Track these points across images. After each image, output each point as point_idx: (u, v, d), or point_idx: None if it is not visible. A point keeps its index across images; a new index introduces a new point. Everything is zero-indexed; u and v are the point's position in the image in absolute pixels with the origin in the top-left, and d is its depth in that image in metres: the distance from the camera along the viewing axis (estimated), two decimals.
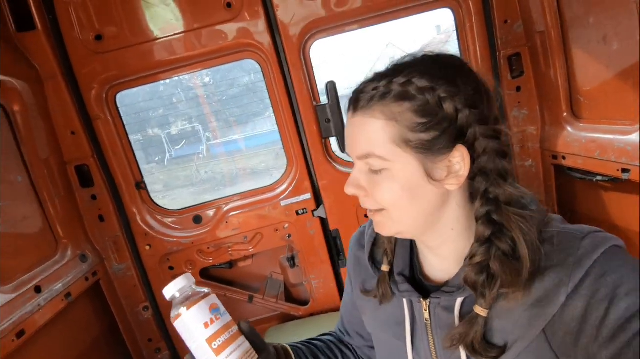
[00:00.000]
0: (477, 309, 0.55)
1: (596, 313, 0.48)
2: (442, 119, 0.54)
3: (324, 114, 1.69)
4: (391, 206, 0.57)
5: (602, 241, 0.51)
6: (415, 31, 8.02)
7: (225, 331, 0.55)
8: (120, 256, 1.70)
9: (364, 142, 0.56)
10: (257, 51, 1.63)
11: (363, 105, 0.56)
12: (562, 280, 0.51)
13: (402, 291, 0.65)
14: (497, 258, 0.53)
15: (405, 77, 0.54)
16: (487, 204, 0.55)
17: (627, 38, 1.19)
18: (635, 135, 1.21)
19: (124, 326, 1.72)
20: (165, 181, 11.44)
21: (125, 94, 1.71)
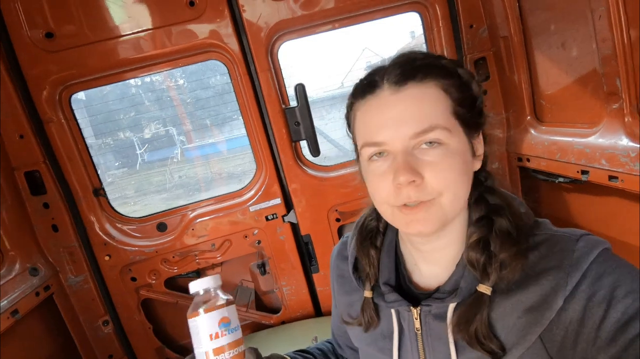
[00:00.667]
0: (482, 287, 0.54)
1: (595, 315, 0.47)
2: (473, 98, 0.56)
3: (294, 117, 1.66)
4: (452, 185, 0.52)
5: (596, 243, 0.51)
6: (389, 37, 8.14)
7: (230, 348, 0.53)
8: (77, 268, 1.60)
9: (427, 113, 0.52)
10: (223, 52, 1.57)
11: (416, 74, 0.53)
12: (559, 283, 0.50)
13: (390, 302, 0.61)
14: (497, 236, 0.54)
15: (436, 57, 0.56)
16: (480, 187, 0.59)
17: (585, 45, 1.22)
18: (594, 137, 1.25)
19: (81, 343, 1.61)
20: (137, 186, 11.03)
21: (94, 96, 1.61)
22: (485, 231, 0.55)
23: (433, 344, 0.59)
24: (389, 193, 0.54)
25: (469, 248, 0.56)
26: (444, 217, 0.54)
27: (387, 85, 0.54)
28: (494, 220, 0.56)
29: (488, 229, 0.55)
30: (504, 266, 0.53)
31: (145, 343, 1.77)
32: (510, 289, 0.53)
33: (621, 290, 0.47)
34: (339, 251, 0.77)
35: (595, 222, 1.44)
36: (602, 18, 1.10)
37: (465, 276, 0.56)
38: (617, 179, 1.17)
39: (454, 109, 0.54)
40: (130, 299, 1.72)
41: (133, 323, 1.73)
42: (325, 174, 1.76)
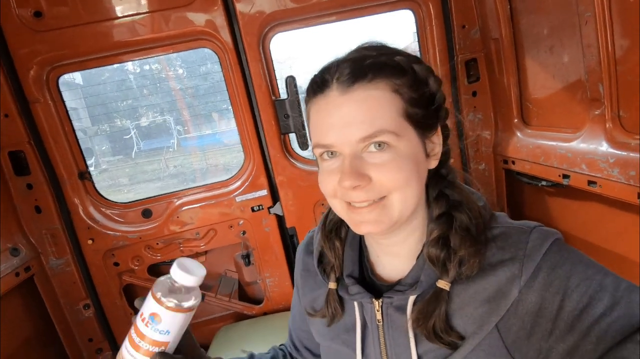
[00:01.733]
0: (441, 283, 0.54)
1: (551, 305, 0.48)
2: (430, 95, 0.55)
3: (283, 109, 1.66)
4: (401, 186, 0.52)
5: (547, 234, 0.52)
6: (387, 33, 8.15)
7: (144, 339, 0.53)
8: (59, 251, 1.59)
9: (373, 117, 0.50)
10: (215, 40, 1.57)
11: (365, 75, 0.50)
12: (514, 274, 0.51)
13: (353, 294, 0.61)
14: (457, 232, 0.54)
15: (388, 54, 0.53)
16: (440, 183, 0.58)
17: (572, 50, 1.23)
18: (576, 142, 1.26)
19: (61, 326, 1.61)
20: (132, 174, 10.99)
21: (93, 82, 1.61)
22: (445, 228, 0.56)
23: (394, 335, 0.59)
24: (336, 190, 0.55)
25: (429, 244, 0.56)
26: (394, 218, 0.54)
27: (336, 85, 0.52)
28: (454, 216, 0.56)
29: (448, 225, 0.56)
30: (463, 262, 0.53)
31: (126, 328, 1.72)
32: (469, 281, 0.54)
33: (575, 279, 0.48)
34: (306, 245, 0.77)
35: (575, 226, 1.46)
36: (589, 24, 1.11)
37: (425, 269, 0.57)
38: (596, 185, 1.18)
39: (405, 111, 0.52)
40: (112, 284, 1.72)
41: (114, 308, 1.74)
42: (313, 167, 1.77)
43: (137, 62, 10.62)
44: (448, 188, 0.58)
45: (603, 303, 0.45)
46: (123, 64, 10.53)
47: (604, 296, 0.45)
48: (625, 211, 1.21)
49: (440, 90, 0.56)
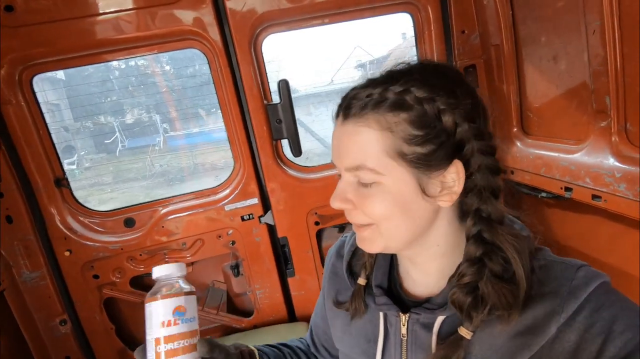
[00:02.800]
0: (462, 331, 0.52)
1: (590, 347, 0.46)
2: (440, 131, 0.51)
3: (276, 114, 1.58)
4: (382, 220, 0.54)
5: (596, 274, 0.50)
6: (381, 36, 8.13)
7: (182, 338, 0.52)
8: (33, 263, 1.48)
9: (356, 152, 0.52)
10: (203, 41, 1.48)
11: (355, 112, 0.52)
12: (554, 310, 0.48)
13: (380, 304, 0.61)
14: (489, 280, 0.51)
15: (403, 85, 0.51)
16: (479, 223, 0.53)
17: (576, 59, 1.19)
18: (580, 154, 1.22)
19: (34, 343, 1.50)
20: (116, 173, 10.71)
21: (76, 77, 1.50)
22: (475, 275, 0.52)
23: (416, 351, 0.58)
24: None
25: (456, 288, 0.53)
26: (385, 243, 0.56)
27: (341, 114, 0.55)
28: (486, 264, 0.52)
29: (479, 273, 0.52)
30: (491, 312, 0.50)
31: (107, 344, 1.67)
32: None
33: (620, 324, 0.45)
34: (337, 249, 0.77)
35: (574, 239, 1.43)
36: (596, 33, 1.07)
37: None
38: (601, 199, 1.15)
39: (397, 149, 0.50)
40: (92, 297, 1.61)
41: (94, 323, 1.63)
42: (306, 175, 1.70)
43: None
44: (488, 231, 0.52)
45: None
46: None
47: None
48: (625, 225, 1.18)
49: (463, 125, 0.51)
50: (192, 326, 0.53)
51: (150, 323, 0.52)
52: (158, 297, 0.52)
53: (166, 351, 0.51)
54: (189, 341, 0.53)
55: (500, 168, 0.54)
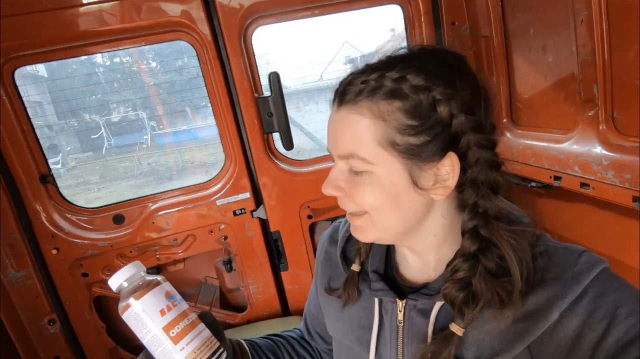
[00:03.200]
0: (454, 327, 0.51)
1: (593, 332, 0.45)
2: (435, 123, 0.49)
3: (267, 107, 1.57)
4: (372, 210, 0.53)
5: (598, 260, 0.49)
6: (370, 31, 8.14)
7: (183, 318, 0.52)
8: (19, 262, 1.44)
9: (348, 140, 0.52)
10: (192, 33, 1.45)
11: (350, 99, 0.51)
12: (557, 295, 0.48)
13: (375, 290, 0.60)
14: (482, 277, 0.50)
15: (399, 72, 0.49)
16: (475, 218, 0.52)
17: (564, 50, 1.21)
18: (568, 144, 1.24)
19: (22, 344, 1.47)
20: (103, 171, 10.51)
21: (59, 74, 1.45)
22: (469, 272, 0.51)
23: (413, 338, 0.57)
24: None
25: (449, 283, 0.52)
26: (378, 234, 0.55)
27: (336, 101, 0.54)
28: (480, 260, 0.51)
29: (473, 269, 0.51)
30: (487, 306, 0.50)
31: (97, 343, 1.64)
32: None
33: (624, 309, 0.45)
34: (330, 234, 0.76)
35: (564, 228, 1.46)
36: (584, 23, 1.08)
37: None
38: (589, 187, 1.17)
39: (390, 138, 0.49)
40: (81, 296, 1.58)
41: (83, 321, 1.60)
42: (298, 168, 1.69)
43: (107, 54, 10.11)
44: (484, 227, 0.51)
45: None
46: (92, 56, 10.01)
47: None
48: (613, 212, 1.20)
49: (459, 117, 0.49)
50: (184, 305, 0.54)
51: (142, 323, 0.51)
52: (134, 300, 0.50)
53: (174, 336, 0.51)
54: (189, 319, 0.53)
55: (499, 162, 0.52)
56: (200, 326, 0.54)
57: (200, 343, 0.52)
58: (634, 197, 1.02)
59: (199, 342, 0.52)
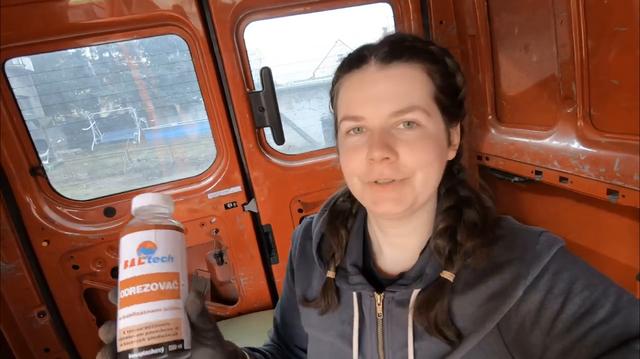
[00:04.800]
0: (445, 274, 0.55)
1: (552, 306, 0.49)
2: (455, 88, 0.57)
3: (258, 102, 1.59)
4: (425, 167, 0.53)
5: (556, 239, 0.53)
6: (362, 30, 8.20)
7: (145, 281, 0.41)
8: (8, 254, 1.44)
9: (408, 93, 0.52)
10: (184, 27, 1.46)
11: (403, 56, 0.53)
12: (520, 273, 0.51)
13: (354, 284, 0.60)
14: (464, 225, 0.55)
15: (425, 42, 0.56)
16: (452, 179, 0.60)
17: (546, 49, 1.26)
18: (549, 139, 1.29)
19: (11, 336, 1.47)
20: (91, 168, 10.36)
21: (46, 68, 1.44)
22: (453, 221, 0.57)
23: (393, 330, 0.58)
24: (360, 167, 0.55)
25: (436, 236, 0.57)
26: (414, 200, 0.54)
27: (375, 61, 0.54)
28: (462, 211, 0.57)
29: (456, 219, 0.57)
30: (469, 254, 0.54)
31: (88, 335, 1.64)
32: (474, 279, 0.54)
33: (579, 284, 0.48)
34: (304, 230, 0.75)
35: (545, 221, 1.51)
36: (564, 24, 1.13)
37: (431, 263, 0.57)
38: (567, 181, 1.22)
39: (436, 95, 0.54)
40: (72, 288, 1.59)
41: (74, 314, 1.61)
42: (289, 163, 1.72)
43: (96, 48, 9.88)
44: (459, 185, 0.60)
45: (604, 310, 0.46)
46: (80, 50, 9.83)
47: (606, 303, 0.46)
48: (591, 205, 1.26)
49: (465, 87, 0.58)
50: (166, 267, 0.42)
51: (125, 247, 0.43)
52: (124, 232, 0.44)
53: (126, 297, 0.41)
54: (158, 286, 0.41)
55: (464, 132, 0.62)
56: (166, 303, 0.41)
57: (148, 323, 0.40)
58: (608, 190, 1.08)
59: (145, 321, 0.40)
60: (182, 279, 0.44)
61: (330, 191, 0.74)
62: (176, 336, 0.41)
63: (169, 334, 0.40)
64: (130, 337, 0.40)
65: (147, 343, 0.39)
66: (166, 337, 0.40)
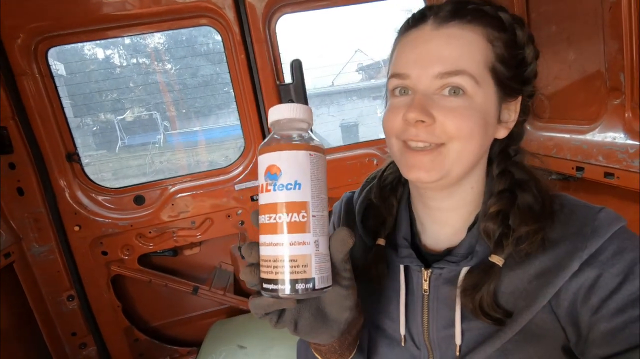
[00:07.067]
0: (494, 258, 0.51)
1: (607, 285, 0.46)
2: (522, 61, 0.52)
3: (288, 94, 1.59)
4: (463, 136, 0.49)
5: (617, 217, 0.50)
6: (383, 40, 8.24)
7: (268, 211, 0.38)
8: (42, 237, 1.48)
9: (459, 56, 0.49)
10: (218, 18, 1.49)
11: (465, 16, 0.50)
12: (576, 247, 0.48)
13: (402, 257, 0.58)
14: (518, 209, 0.52)
15: (495, 7, 0.52)
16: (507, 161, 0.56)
17: (591, 39, 1.21)
18: (592, 134, 1.23)
19: (42, 318, 1.49)
20: (116, 168, 10.67)
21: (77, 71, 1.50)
22: (506, 205, 0.53)
23: (438, 307, 0.56)
24: (397, 126, 0.52)
25: (486, 218, 0.53)
26: (447, 170, 0.51)
27: (432, 20, 0.51)
28: (517, 195, 0.53)
29: (510, 202, 0.53)
30: (521, 240, 0.50)
31: (113, 322, 1.66)
32: (525, 255, 0.51)
33: None
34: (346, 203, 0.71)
35: None
36: (612, 10, 1.08)
37: (482, 241, 0.54)
38: (613, 176, 1.15)
39: (492, 64, 0.50)
40: (100, 274, 1.61)
41: (101, 299, 1.63)
42: None
43: (124, 55, 10.21)
44: (514, 167, 0.55)
45: None
46: (110, 56, 10.21)
47: None
48: (634, 203, 1.19)
49: (534, 62, 0.53)
50: (292, 196, 0.38)
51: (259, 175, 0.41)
52: (260, 150, 0.40)
53: (260, 224, 0.39)
54: (282, 217, 0.37)
55: (529, 112, 0.57)
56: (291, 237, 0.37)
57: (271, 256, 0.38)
58: None
59: (269, 253, 0.38)
60: (312, 208, 0.38)
61: (357, 186, 0.72)
62: (304, 274, 0.38)
63: (294, 272, 0.37)
64: (262, 266, 0.39)
65: (267, 276, 0.38)
66: (291, 274, 0.37)
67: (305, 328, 0.44)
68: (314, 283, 0.38)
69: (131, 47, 9.52)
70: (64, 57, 7.80)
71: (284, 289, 0.37)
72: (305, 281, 0.38)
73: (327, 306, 0.45)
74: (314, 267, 0.38)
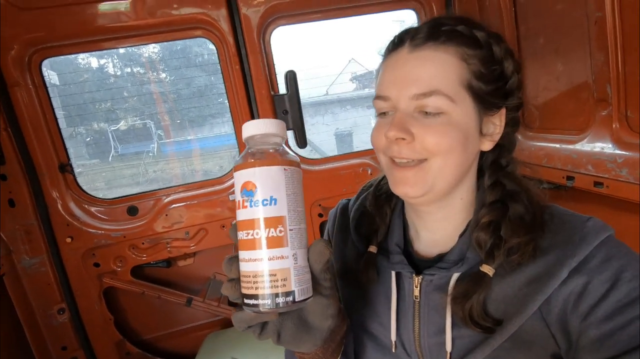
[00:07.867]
0: (485, 268, 0.52)
1: (596, 291, 0.47)
2: (500, 75, 0.54)
3: (282, 105, 1.60)
4: (442, 152, 0.51)
5: (605, 226, 0.51)
6: (376, 49, 8.36)
7: (245, 227, 0.38)
8: (33, 249, 1.46)
9: (432, 78, 0.51)
10: (213, 30, 1.50)
11: (438, 38, 0.52)
12: (566, 254, 0.49)
13: (394, 263, 0.60)
14: (510, 221, 0.53)
15: (472, 26, 0.54)
16: (499, 172, 0.57)
17: (577, 51, 1.24)
18: (581, 144, 1.26)
19: (31, 331, 1.47)
20: (109, 178, 10.58)
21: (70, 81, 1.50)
22: (497, 215, 0.54)
23: (429, 314, 0.57)
24: (382, 143, 0.55)
25: (478, 229, 0.54)
26: (431, 184, 0.53)
27: (409, 43, 0.54)
28: (508, 205, 0.55)
29: (501, 213, 0.54)
30: (513, 251, 0.52)
31: (105, 335, 1.63)
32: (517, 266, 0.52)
33: (628, 274, 0.46)
34: (342, 209, 0.73)
35: None
36: (598, 23, 1.11)
37: (472, 247, 0.55)
38: (602, 186, 1.17)
39: (468, 81, 0.52)
40: (92, 286, 1.59)
41: (92, 312, 1.60)
42: (310, 167, 1.71)
43: (118, 65, 10.21)
44: (506, 178, 0.57)
45: None
46: (104, 65, 10.22)
47: None
48: (626, 211, 1.20)
49: (516, 75, 0.55)
50: (268, 212, 0.38)
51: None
52: (235, 167, 0.41)
53: (238, 239, 0.40)
54: (259, 233, 0.38)
55: (519, 123, 0.59)
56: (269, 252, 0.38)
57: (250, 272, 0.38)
58: None
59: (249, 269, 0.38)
60: (289, 222, 0.39)
61: (351, 195, 0.73)
62: (284, 287, 0.38)
63: (274, 286, 0.38)
64: (242, 282, 0.39)
65: (247, 291, 0.38)
66: (270, 289, 0.38)
67: (288, 338, 0.46)
68: (294, 296, 0.39)
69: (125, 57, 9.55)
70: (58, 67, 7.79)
71: (264, 303, 0.38)
72: (285, 294, 0.38)
73: (310, 315, 0.46)
74: (294, 280, 0.39)
